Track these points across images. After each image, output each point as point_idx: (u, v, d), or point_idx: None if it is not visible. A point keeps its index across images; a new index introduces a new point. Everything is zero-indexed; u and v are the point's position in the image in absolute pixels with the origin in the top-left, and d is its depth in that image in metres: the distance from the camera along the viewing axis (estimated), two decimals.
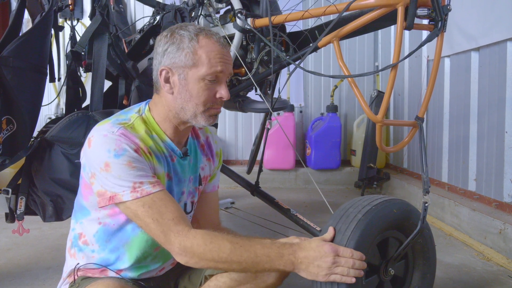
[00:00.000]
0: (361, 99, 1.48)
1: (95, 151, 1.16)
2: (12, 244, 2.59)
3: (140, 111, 1.28)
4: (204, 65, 1.20)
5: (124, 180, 1.13)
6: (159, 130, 1.27)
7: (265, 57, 1.97)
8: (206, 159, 1.43)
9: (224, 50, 1.24)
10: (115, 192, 1.14)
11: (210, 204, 1.50)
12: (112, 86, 2.27)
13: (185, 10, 2.14)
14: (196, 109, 1.23)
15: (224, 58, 1.23)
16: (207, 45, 1.21)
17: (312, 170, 4.39)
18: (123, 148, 1.14)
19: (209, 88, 1.22)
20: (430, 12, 1.38)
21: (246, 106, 2.26)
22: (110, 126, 1.18)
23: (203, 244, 1.11)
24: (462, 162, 3.01)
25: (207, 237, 1.12)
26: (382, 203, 1.34)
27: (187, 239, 1.12)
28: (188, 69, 1.21)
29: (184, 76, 1.21)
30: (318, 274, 1.14)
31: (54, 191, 1.75)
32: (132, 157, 1.14)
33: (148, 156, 1.20)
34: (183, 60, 1.20)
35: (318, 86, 4.78)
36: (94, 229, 1.27)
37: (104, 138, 1.15)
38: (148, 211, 1.13)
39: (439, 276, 1.95)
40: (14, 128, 1.68)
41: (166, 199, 1.16)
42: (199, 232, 1.13)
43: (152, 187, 1.15)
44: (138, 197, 1.13)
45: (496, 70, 2.61)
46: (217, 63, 1.21)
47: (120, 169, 1.13)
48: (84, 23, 4.31)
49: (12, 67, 1.63)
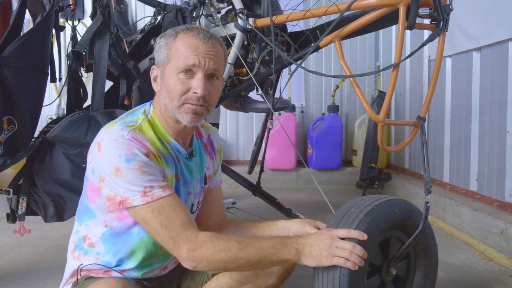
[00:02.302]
0: (363, 99, 1.48)
1: (105, 156, 1.15)
2: (14, 244, 2.59)
3: (146, 112, 1.28)
4: (176, 58, 1.20)
5: (135, 184, 1.13)
6: (164, 131, 1.27)
7: (267, 57, 1.97)
8: (209, 158, 1.43)
9: (203, 44, 1.20)
10: (126, 197, 1.14)
11: (216, 199, 1.51)
12: (113, 86, 2.27)
13: (186, 10, 2.14)
14: (172, 105, 1.21)
15: (199, 51, 1.19)
16: (182, 39, 1.21)
17: (314, 170, 4.39)
18: (134, 153, 1.14)
19: (183, 82, 1.20)
20: (432, 11, 1.38)
21: (247, 106, 2.26)
22: (120, 130, 1.18)
23: (212, 247, 1.12)
24: (463, 162, 3.01)
25: (214, 240, 1.14)
26: (383, 203, 1.33)
27: (196, 244, 1.13)
28: (165, 65, 1.22)
29: (163, 72, 1.23)
30: (321, 256, 1.17)
31: (55, 191, 1.75)
32: (143, 161, 1.14)
33: (158, 160, 1.20)
34: (162, 57, 1.23)
35: (319, 86, 4.78)
36: (101, 231, 1.26)
37: (115, 142, 1.15)
38: (157, 217, 1.14)
39: (441, 276, 1.94)
40: (15, 129, 1.68)
41: (175, 204, 1.16)
42: (207, 236, 1.14)
43: (162, 191, 1.15)
44: (148, 202, 1.13)
45: (497, 70, 2.60)
46: (189, 55, 1.19)
47: (131, 174, 1.13)
48: (85, 23, 4.30)
49: (13, 67, 1.63)
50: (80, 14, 4.22)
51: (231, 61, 1.99)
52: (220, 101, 2.20)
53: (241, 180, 2.52)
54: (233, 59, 1.98)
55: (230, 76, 2.11)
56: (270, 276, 1.33)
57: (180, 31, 1.23)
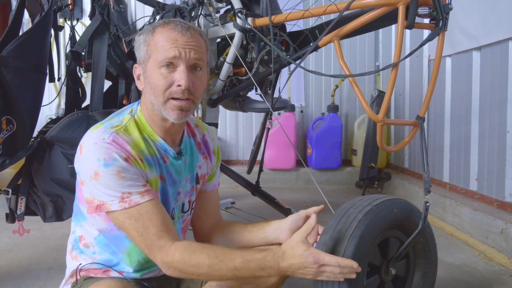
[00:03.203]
0: (362, 99, 1.47)
1: (85, 159, 1.15)
2: (13, 244, 2.58)
3: (133, 112, 1.27)
4: (156, 53, 1.18)
5: (113, 190, 1.13)
6: (151, 131, 1.26)
7: (266, 57, 1.96)
8: (203, 157, 1.41)
9: (182, 36, 1.17)
10: (103, 201, 1.14)
11: (212, 203, 1.50)
12: (112, 86, 2.27)
13: (185, 9, 2.14)
14: (158, 101, 1.19)
15: (178, 42, 1.17)
16: (160, 33, 1.19)
17: (313, 170, 4.38)
18: (113, 158, 1.13)
19: (165, 76, 1.17)
20: (431, 11, 1.38)
21: (246, 106, 2.26)
22: (102, 132, 1.17)
23: (182, 261, 1.12)
24: (463, 161, 3.01)
25: (185, 254, 1.12)
26: (383, 203, 1.33)
27: (168, 256, 1.13)
28: (146, 62, 1.20)
29: (145, 69, 1.21)
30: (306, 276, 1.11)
31: (54, 191, 1.75)
32: (121, 166, 1.13)
33: (139, 163, 1.18)
34: (142, 54, 1.21)
35: (318, 86, 4.77)
36: (95, 232, 1.26)
37: (95, 146, 1.14)
38: (134, 224, 1.14)
39: (440, 276, 1.94)
40: (14, 128, 1.68)
41: (152, 211, 1.15)
42: (179, 248, 1.13)
43: (140, 197, 1.14)
44: (126, 208, 1.13)
45: (497, 70, 2.60)
46: (169, 48, 1.16)
47: (109, 179, 1.12)
48: (84, 23, 4.30)
49: (12, 67, 1.63)
50: (79, 14, 4.21)
51: (230, 61, 1.99)
52: (219, 101, 2.20)
53: (240, 180, 2.51)
54: (232, 58, 1.98)
55: (229, 76, 2.10)
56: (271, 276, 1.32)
57: (157, 26, 1.21)
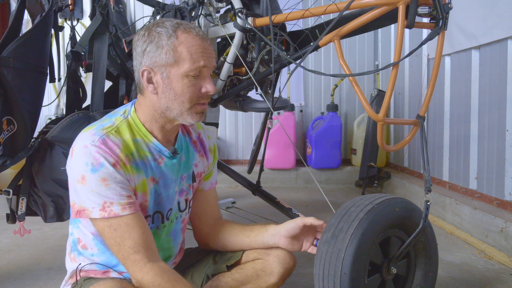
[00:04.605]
0: (362, 98, 1.48)
1: (74, 162, 1.16)
2: (13, 245, 2.58)
3: (126, 113, 1.26)
4: (186, 62, 1.18)
5: (96, 196, 1.13)
6: (145, 132, 1.25)
7: (266, 56, 1.96)
8: (199, 156, 1.41)
9: (205, 44, 1.21)
10: (85, 207, 1.15)
11: (210, 202, 1.50)
12: (113, 86, 2.27)
13: (185, 9, 2.14)
14: (182, 107, 1.21)
15: (205, 51, 1.20)
16: (186, 40, 1.18)
17: (313, 169, 4.39)
18: (100, 163, 1.13)
19: (193, 84, 1.20)
20: (431, 10, 1.38)
21: (246, 106, 2.26)
22: (92, 135, 1.17)
23: (151, 284, 1.13)
24: (463, 160, 3.01)
25: (157, 279, 1.13)
26: (383, 202, 1.34)
27: (139, 273, 1.13)
28: (170, 67, 1.18)
29: (167, 75, 1.19)
30: None
31: (55, 191, 1.75)
32: (107, 173, 1.13)
33: (127, 168, 1.18)
34: (164, 58, 1.18)
35: (318, 85, 4.78)
36: (90, 235, 1.26)
37: (84, 149, 1.14)
38: (112, 233, 1.14)
39: (440, 274, 1.94)
40: (15, 129, 1.68)
41: (132, 225, 1.15)
42: (154, 270, 1.14)
43: (121, 209, 1.14)
44: (105, 217, 1.13)
45: (497, 69, 2.61)
46: (199, 58, 1.19)
47: (94, 184, 1.12)
48: (84, 23, 4.30)
49: (12, 67, 1.63)
50: (79, 14, 4.21)
51: (231, 61, 1.99)
52: (219, 101, 2.20)
53: (240, 179, 2.51)
54: (232, 58, 1.98)
55: (229, 75, 2.10)
56: (271, 275, 1.33)
57: (177, 29, 1.19)
